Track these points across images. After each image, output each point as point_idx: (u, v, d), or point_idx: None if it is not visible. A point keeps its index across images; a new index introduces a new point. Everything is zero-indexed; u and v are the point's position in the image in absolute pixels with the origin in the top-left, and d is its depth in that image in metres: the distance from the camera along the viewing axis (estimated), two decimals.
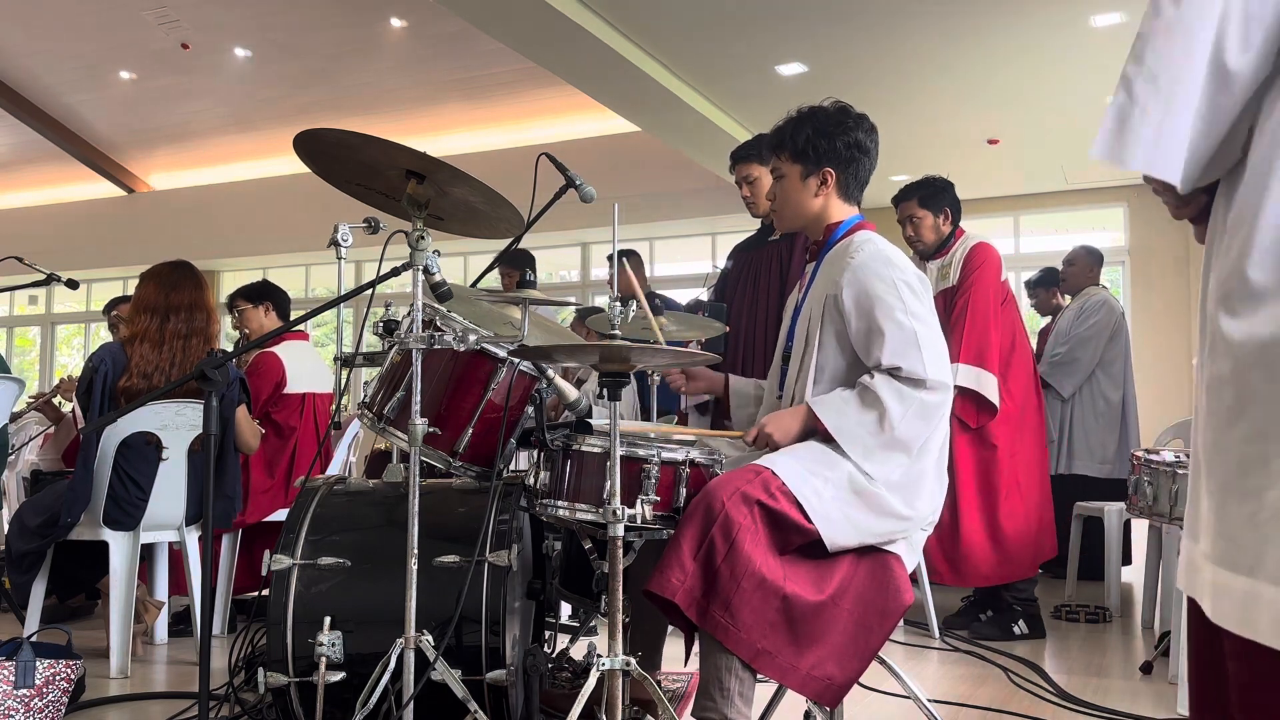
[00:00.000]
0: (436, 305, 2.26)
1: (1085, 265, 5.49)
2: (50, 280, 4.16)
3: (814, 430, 2.13)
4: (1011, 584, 3.85)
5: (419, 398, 2.12)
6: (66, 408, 5.13)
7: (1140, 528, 4.90)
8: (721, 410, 2.58)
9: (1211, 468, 1.01)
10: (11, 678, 2.47)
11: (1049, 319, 5.95)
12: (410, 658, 2.04)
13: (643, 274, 5.22)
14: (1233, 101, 0.99)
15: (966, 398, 3.80)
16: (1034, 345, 5.02)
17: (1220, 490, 1.00)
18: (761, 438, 2.15)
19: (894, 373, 2.09)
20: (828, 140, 2.28)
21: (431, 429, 2.16)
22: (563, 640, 3.05)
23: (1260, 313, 0.96)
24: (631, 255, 5.02)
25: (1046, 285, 5.97)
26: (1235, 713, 1.01)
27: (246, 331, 4.31)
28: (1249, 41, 0.97)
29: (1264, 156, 0.98)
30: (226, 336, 11.61)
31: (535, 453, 2.23)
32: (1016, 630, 3.83)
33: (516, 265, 5.01)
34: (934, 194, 4.00)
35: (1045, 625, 3.97)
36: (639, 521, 2.00)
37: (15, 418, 5.29)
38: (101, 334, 14.63)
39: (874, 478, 2.05)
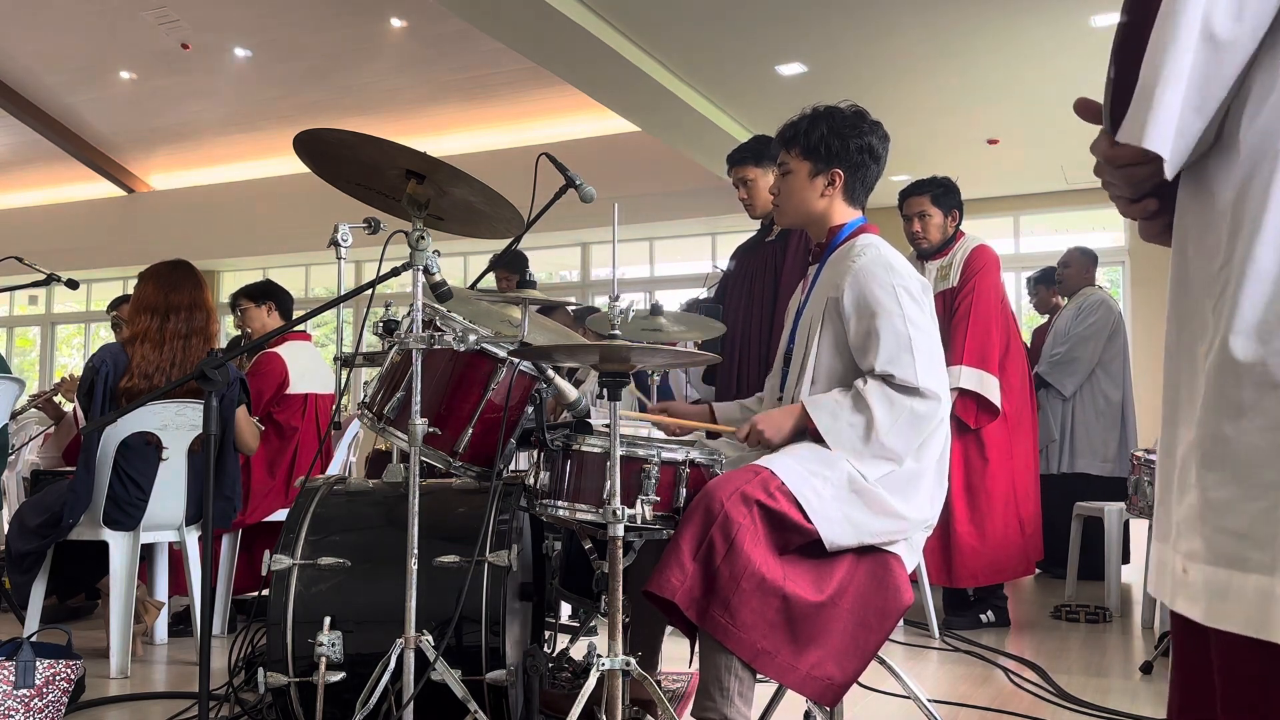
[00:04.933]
0: (436, 305, 2.26)
1: (1081, 266, 5.51)
2: (50, 280, 4.17)
3: (805, 430, 2.13)
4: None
5: (419, 398, 2.12)
6: (67, 407, 5.13)
7: (1139, 527, 4.90)
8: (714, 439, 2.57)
9: (1211, 461, 0.95)
10: (11, 678, 2.47)
11: (1046, 318, 5.97)
12: (410, 658, 2.04)
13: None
14: (1225, 74, 0.95)
15: (968, 399, 3.81)
16: (1028, 342, 5.04)
17: (1227, 484, 0.93)
18: (754, 435, 2.15)
19: (887, 379, 2.09)
20: (841, 141, 2.28)
21: (431, 429, 2.16)
22: (563, 640, 3.05)
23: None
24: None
25: (1048, 284, 5.98)
26: (1223, 715, 0.97)
27: (249, 330, 4.32)
28: (1242, 12, 0.94)
29: (1266, 131, 0.94)
30: (227, 336, 11.60)
31: (535, 453, 2.23)
32: (984, 619, 3.96)
33: (512, 269, 5.03)
34: (945, 193, 4.04)
35: (1045, 624, 4.00)
36: (639, 521, 2.00)
37: (15, 416, 5.29)
38: (102, 334, 14.63)
39: (869, 478, 2.06)
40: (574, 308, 5.24)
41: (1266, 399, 0.91)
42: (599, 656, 1.90)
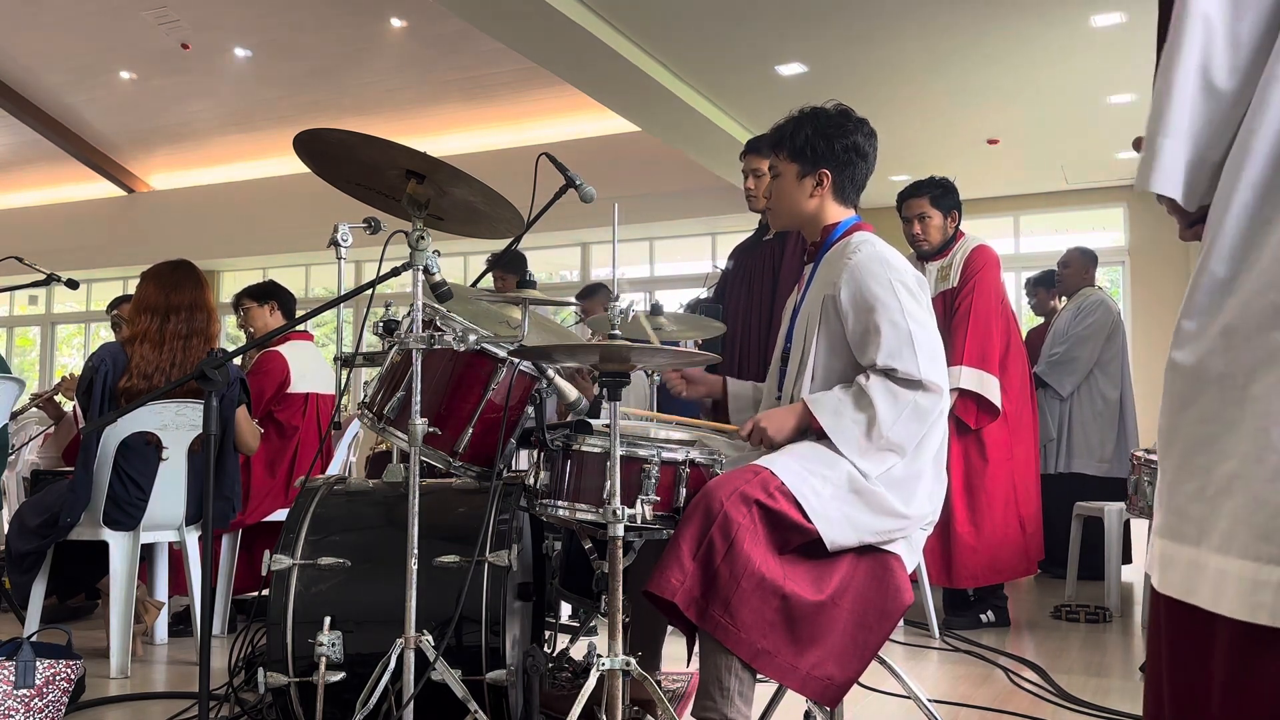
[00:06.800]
0: (436, 305, 2.26)
1: (1080, 266, 5.52)
2: (50, 280, 4.17)
3: (809, 428, 2.13)
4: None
5: (419, 398, 2.12)
6: (68, 406, 5.13)
7: (1138, 527, 4.90)
8: (721, 413, 2.60)
9: (1167, 449, 1.08)
10: (11, 678, 2.47)
11: (1042, 320, 5.97)
12: (410, 658, 2.04)
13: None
14: (1227, 118, 1.05)
15: (968, 399, 3.81)
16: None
17: (1174, 469, 1.07)
18: (756, 433, 2.16)
19: (889, 374, 2.09)
20: (825, 142, 2.29)
21: (431, 429, 2.16)
22: (563, 640, 3.05)
23: (1225, 302, 1.03)
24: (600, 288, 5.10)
25: (1046, 286, 5.98)
26: (1167, 670, 1.07)
27: (251, 330, 4.32)
28: (1236, 67, 1.04)
29: (1233, 162, 1.04)
30: (227, 336, 11.60)
31: (535, 453, 2.23)
32: (984, 619, 3.96)
33: (510, 269, 5.03)
34: (944, 194, 4.03)
35: (1045, 624, 4.01)
36: (639, 521, 2.00)
37: (15, 416, 5.29)
38: (102, 334, 14.63)
39: (870, 475, 2.06)
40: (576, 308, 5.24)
41: (1202, 395, 1.04)
42: (599, 656, 1.90)
